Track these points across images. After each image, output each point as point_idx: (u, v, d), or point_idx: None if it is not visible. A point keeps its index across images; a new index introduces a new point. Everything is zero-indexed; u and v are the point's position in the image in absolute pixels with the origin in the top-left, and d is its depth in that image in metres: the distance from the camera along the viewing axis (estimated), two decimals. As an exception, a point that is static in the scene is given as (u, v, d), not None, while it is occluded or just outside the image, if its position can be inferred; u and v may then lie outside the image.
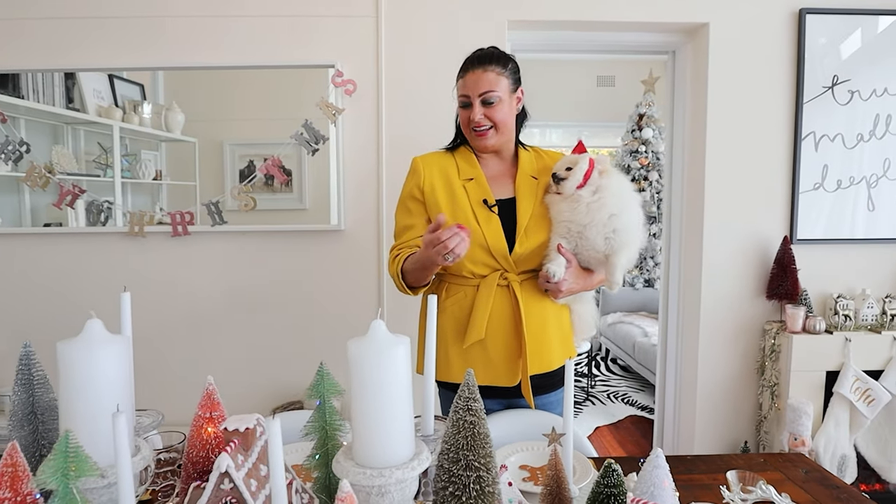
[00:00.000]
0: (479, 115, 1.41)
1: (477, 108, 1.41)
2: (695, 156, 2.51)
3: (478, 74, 1.40)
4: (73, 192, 2.31)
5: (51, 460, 0.67)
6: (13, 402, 0.84)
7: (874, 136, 2.40)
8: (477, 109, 1.41)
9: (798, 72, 2.37)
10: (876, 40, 2.37)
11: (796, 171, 2.40)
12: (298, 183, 2.40)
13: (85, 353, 0.77)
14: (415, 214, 1.49)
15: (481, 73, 1.40)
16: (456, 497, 0.82)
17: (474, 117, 1.41)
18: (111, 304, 0.96)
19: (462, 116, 1.46)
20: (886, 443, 2.35)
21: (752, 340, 2.48)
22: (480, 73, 1.40)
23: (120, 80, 2.45)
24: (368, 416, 0.77)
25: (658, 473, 0.91)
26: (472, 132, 1.44)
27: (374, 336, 0.78)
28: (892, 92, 2.39)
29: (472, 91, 1.41)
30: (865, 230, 2.43)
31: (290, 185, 2.39)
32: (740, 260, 2.46)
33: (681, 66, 2.56)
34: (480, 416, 0.84)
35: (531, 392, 1.43)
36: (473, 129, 1.43)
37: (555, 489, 0.94)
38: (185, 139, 2.45)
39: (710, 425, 2.52)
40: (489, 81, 1.39)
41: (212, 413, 0.98)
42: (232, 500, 0.75)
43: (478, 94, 1.40)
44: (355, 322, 2.44)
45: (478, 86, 1.40)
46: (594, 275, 1.48)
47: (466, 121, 1.44)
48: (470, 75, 1.42)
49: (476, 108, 1.41)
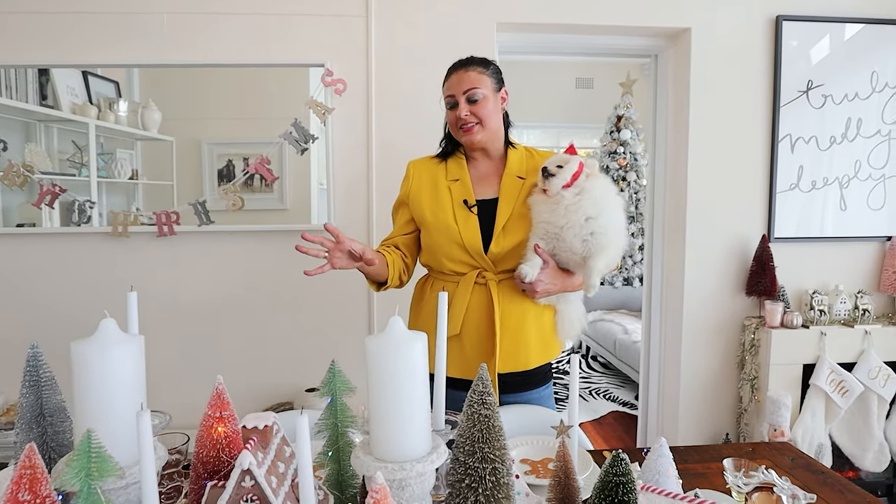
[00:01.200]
0: (465, 112, 1.44)
1: (462, 106, 1.45)
2: (677, 157, 2.58)
3: (460, 75, 1.46)
4: (52, 191, 2.25)
5: (74, 460, 0.66)
6: (21, 404, 0.83)
7: (846, 138, 2.50)
8: (462, 106, 1.44)
9: (775, 76, 2.45)
10: (843, 47, 2.47)
11: (774, 171, 2.48)
12: (279, 183, 2.39)
13: (99, 353, 0.77)
14: (398, 216, 1.58)
15: (464, 73, 1.46)
16: (472, 489, 0.84)
17: (460, 114, 1.44)
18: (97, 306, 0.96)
19: (450, 117, 1.50)
20: (859, 432, 2.45)
21: (733, 336, 2.56)
22: (463, 73, 1.46)
23: (94, 76, 2.40)
24: (387, 410, 0.78)
25: (663, 462, 0.94)
26: (460, 130, 1.47)
27: (392, 332, 0.79)
28: (863, 97, 2.49)
29: (457, 90, 1.45)
30: (838, 229, 2.53)
31: (271, 185, 2.38)
32: (721, 258, 2.53)
33: (663, 70, 2.63)
34: (494, 409, 0.86)
35: (500, 390, 1.47)
36: (461, 127, 1.46)
37: (563, 480, 0.96)
38: (162, 138, 2.41)
39: (693, 418, 2.59)
40: (472, 80, 1.45)
41: (222, 412, 0.97)
42: (253, 497, 0.76)
43: (462, 92, 1.44)
44: (344, 322, 2.44)
45: (461, 84, 1.45)
46: (573, 277, 1.48)
47: (455, 121, 1.47)
48: (454, 76, 1.48)
49: (462, 106, 1.45)
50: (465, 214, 1.45)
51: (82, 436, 0.67)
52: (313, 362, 2.43)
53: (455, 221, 1.45)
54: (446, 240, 1.45)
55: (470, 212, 1.45)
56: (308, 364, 2.43)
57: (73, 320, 2.29)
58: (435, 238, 1.47)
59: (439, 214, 1.46)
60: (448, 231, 1.44)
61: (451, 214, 1.45)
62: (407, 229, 1.55)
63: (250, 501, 0.76)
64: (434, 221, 1.47)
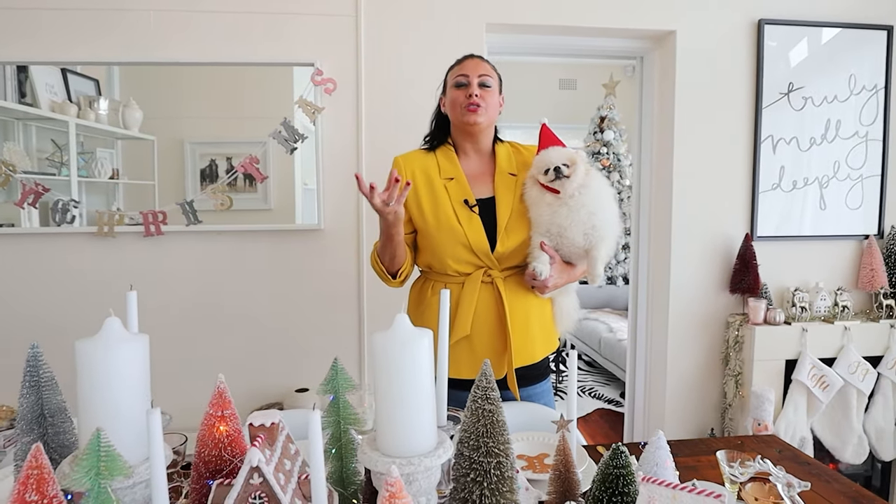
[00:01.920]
0: (476, 92, 1.46)
1: (474, 85, 1.47)
2: (662, 157, 2.62)
3: (476, 62, 1.51)
4: (35, 190, 2.21)
5: (83, 460, 0.66)
6: (21, 405, 0.82)
7: (825, 139, 2.57)
8: (474, 86, 1.47)
9: (757, 79, 2.51)
10: (822, 50, 2.54)
11: (756, 171, 2.54)
12: (264, 183, 2.37)
13: (103, 352, 0.76)
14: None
15: (479, 61, 1.51)
16: (477, 483, 0.85)
17: (472, 91, 1.46)
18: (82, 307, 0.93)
19: (455, 96, 1.49)
20: (839, 425, 2.52)
21: (717, 332, 2.61)
22: (479, 61, 1.51)
23: (74, 74, 2.36)
24: (395, 406, 0.79)
25: (661, 454, 0.97)
26: (465, 110, 1.47)
27: (399, 329, 0.80)
28: (841, 99, 2.56)
29: (472, 72, 1.48)
30: (818, 228, 2.60)
31: (255, 185, 2.36)
32: (706, 257, 2.58)
33: (648, 71, 2.67)
34: (498, 404, 0.87)
35: (517, 384, 1.48)
36: (468, 106, 1.46)
37: (563, 473, 0.98)
38: (144, 137, 2.38)
39: (679, 414, 2.63)
40: (486, 69, 1.50)
41: (223, 411, 0.97)
42: (262, 494, 0.76)
43: (477, 75, 1.48)
44: (334, 323, 2.43)
45: (477, 69, 1.49)
46: (576, 268, 1.53)
47: (461, 98, 1.47)
48: (469, 61, 1.51)
49: (473, 85, 1.47)
50: (468, 215, 1.46)
51: (91, 435, 0.66)
52: (302, 363, 2.42)
53: (459, 222, 1.44)
54: (451, 241, 1.44)
55: (472, 212, 1.46)
56: (297, 365, 2.42)
57: (57, 322, 2.25)
58: (438, 239, 1.46)
59: (440, 214, 1.46)
60: (453, 232, 1.44)
61: (452, 215, 1.45)
62: (407, 229, 1.52)
63: (258, 498, 0.76)
64: (436, 223, 1.46)
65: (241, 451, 0.98)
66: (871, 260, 2.56)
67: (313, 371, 2.41)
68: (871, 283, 2.57)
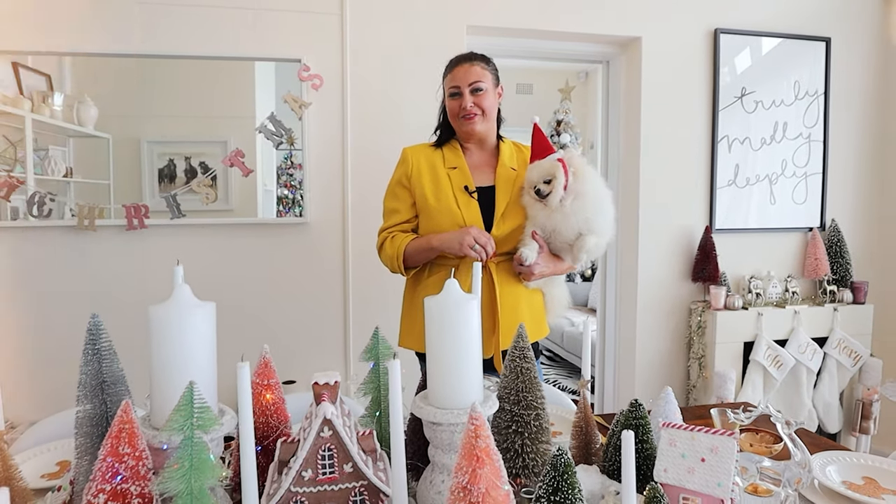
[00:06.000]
0: (469, 103, 1.54)
1: (467, 97, 1.55)
2: (629, 156, 2.79)
3: (466, 68, 1.56)
4: (10, 183, 2.14)
5: (179, 411, 0.70)
6: (83, 372, 0.84)
7: (774, 140, 2.81)
8: (467, 97, 1.54)
9: (714, 83, 2.72)
10: (763, 59, 2.78)
11: (714, 169, 2.75)
12: (224, 183, 2.36)
13: (178, 316, 0.80)
14: (401, 199, 1.62)
15: (469, 66, 1.56)
16: (519, 434, 0.93)
17: (465, 104, 1.54)
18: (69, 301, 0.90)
19: (451, 106, 1.59)
20: (791, 401, 2.75)
21: (681, 319, 2.80)
22: (468, 66, 1.56)
23: (25, 69, 2.29)
24: (448, 362, 0.86)
25: (670, 408, 1.08)
26: (462, 120, 1.57)
27: (450, 292, 0.88)
28: (787, 103, 2.81)
29: (462, 81, 1.55)
30: (769, 221, 2.84)
31: (214, 185, 2.35)
32: (671, 248, 2.77)
33: (615, 75, 2.84)
34: (533, 362, 0.96)
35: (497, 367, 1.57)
36: (463, 116, 1.55)
37: (584, 427, 1.08)
38: (98, 135, 2.33)
39: (647, 397, 2.79)
40: (476, 73, 1.56)
41: (269, 380, 1.02)
42: (331, 447, 0.81)
43: (467, 84, 1.54)
44: (319, 316, 2.46)
45: (467, 77, 1.55)
46: (562, 262, 1.62)
47: (456, 109, 1.57)
48: (459, 69, 1.57)
49: (466, 97, 1.54)
50: (466, 200, 1.55)
51: (185, 388, 0.70)
52: (289, 355, 2.43)
53: (458, 206, 1.53)
54: (449, 223, 1.53)
55: (471, 197, 1.55)
56: (284, 357, 2.41)
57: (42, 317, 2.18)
58: (437, 221, 1.54)
59: (441, 199, 1.54)
60: (451, 214, 1.53)
61: (452, 199, 1.54)
62: (413, 213, 1.60)
63: (328, 450, 0.82)
64: (437, 205, 1.54)
65: (284, 420, 1.03)
66: (815, 250, 2.82)
67: (300, 363, 2.42)
68: (815, 271, 2.82)
